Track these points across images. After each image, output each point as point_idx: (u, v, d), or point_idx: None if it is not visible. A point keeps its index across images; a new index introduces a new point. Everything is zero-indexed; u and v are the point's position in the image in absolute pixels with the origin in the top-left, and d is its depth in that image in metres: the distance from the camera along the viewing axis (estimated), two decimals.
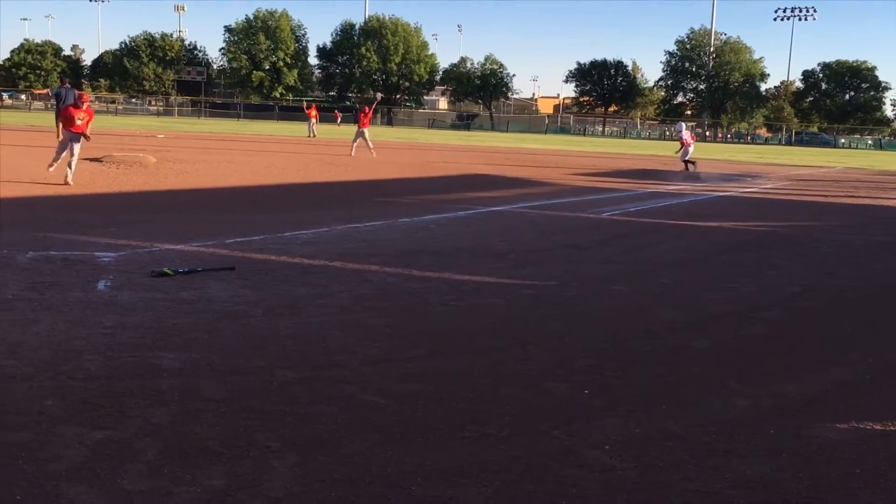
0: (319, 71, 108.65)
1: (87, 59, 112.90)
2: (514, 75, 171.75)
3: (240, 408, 4.16)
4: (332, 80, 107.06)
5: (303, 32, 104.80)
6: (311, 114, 46.26)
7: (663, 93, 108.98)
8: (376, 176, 21.10)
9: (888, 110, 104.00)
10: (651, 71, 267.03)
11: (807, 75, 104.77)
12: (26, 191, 13.66)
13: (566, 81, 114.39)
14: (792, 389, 4.92)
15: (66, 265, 7.53)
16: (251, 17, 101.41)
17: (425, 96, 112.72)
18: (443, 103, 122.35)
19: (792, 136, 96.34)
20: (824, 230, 13.46)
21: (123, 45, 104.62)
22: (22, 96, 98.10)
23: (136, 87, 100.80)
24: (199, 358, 4.95)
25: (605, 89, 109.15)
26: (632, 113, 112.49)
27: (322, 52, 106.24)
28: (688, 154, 28.01)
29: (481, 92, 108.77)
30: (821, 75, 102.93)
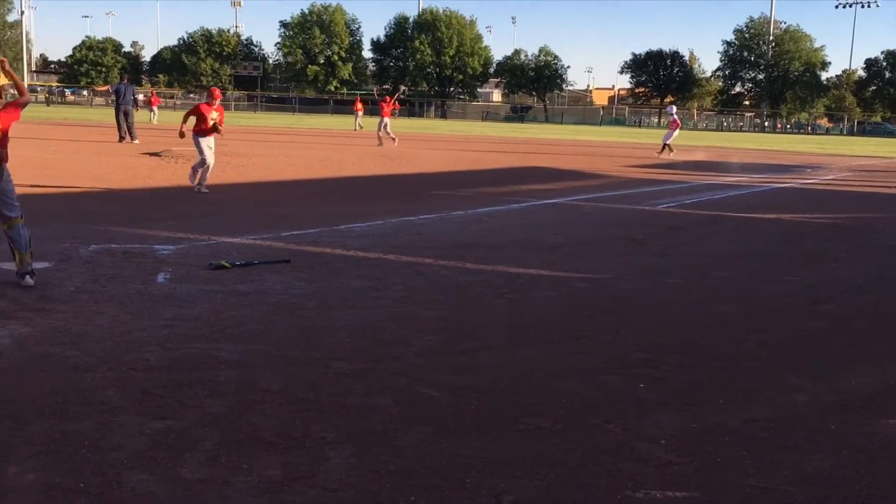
0: (373, 64, 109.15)
1: (147, 56, 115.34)
2: (568, 67, 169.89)
3: (296, 399, 4.21)
4: (385, 73, 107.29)
5: (357, 26, 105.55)
6: (357, 107, 46.50)
7: (721, 83, 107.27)
8: (430, 169, 21.14)
9: None
10: (708, 61, 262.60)
11: (870, 64, 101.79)
12: (92, 183, 13.99)
13: (621, 72, 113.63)
14: (853, 385, 4.81)
15: (127, 258, 7.68)
16: (306, 11, 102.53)
17: (479, 89, 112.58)
18: (496, 96, 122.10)
19: (854, 126, 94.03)
20: (887, 222, 13.13)
21: (181, 41, 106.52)
22: (84, 92, 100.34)
23: (194, 82, 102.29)
24: (256, 349, 5.02)
25: (661, 80, 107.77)
26: (688, 104, 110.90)
27: (376, 45, 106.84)
28: (671, 136, 28.80)
29: (535, 84, 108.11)
30: (884, 63, 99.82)
